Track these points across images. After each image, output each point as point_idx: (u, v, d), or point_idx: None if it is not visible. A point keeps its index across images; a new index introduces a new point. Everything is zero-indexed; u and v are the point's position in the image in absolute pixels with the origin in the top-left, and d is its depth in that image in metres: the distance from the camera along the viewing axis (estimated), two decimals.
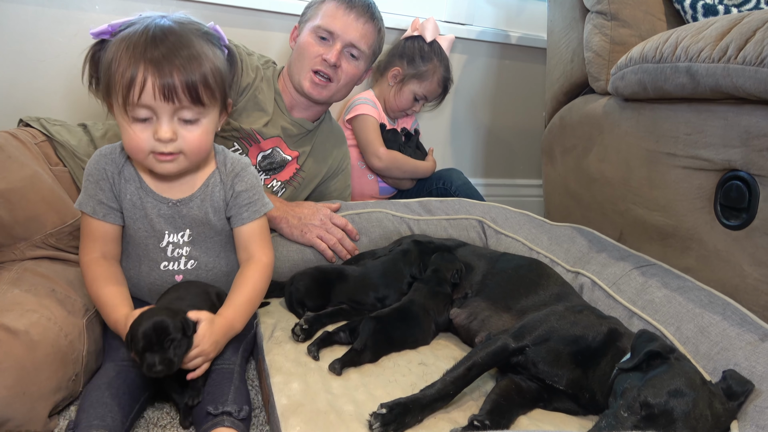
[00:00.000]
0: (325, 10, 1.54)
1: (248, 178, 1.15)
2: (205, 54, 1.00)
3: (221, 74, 1.04)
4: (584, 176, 1.71)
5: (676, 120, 1.34)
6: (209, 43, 1.03)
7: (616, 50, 1.62)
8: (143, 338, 0.90)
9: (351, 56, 1.57)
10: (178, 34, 0.98)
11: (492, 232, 1.57)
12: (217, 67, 1.02)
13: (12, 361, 0.87)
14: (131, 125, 0.99)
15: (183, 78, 0.96)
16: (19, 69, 1.70)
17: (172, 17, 1.02)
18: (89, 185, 1.06)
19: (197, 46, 0.99)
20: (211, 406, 0.93)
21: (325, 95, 1.57)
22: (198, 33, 1.02)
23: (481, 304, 1.23)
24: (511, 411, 0.96)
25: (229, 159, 1.15)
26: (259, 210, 1.15)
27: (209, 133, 1.05)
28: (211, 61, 1.01)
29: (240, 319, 1.07)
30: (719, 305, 1.11)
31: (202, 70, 0.98)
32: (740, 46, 1.10)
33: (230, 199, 1.13)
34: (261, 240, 1.16)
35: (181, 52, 0.96)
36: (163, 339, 0.91)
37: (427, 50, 2.06)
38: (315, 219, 1.46)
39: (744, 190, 1.20)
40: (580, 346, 1.01)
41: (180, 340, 0.93)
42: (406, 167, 2.01)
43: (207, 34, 1.04)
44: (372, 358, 1.09)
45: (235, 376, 1.02)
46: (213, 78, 1.01)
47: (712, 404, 0.83)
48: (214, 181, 1.12)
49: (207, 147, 1.06)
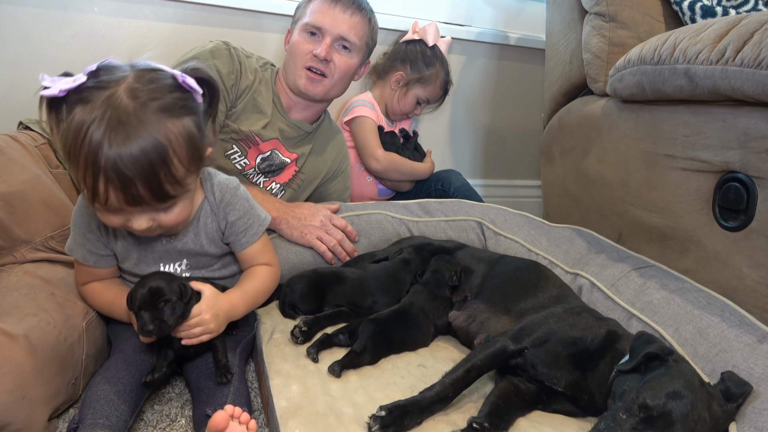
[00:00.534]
0: (312, 8, 1.54)
1: (239, 204, 1.10)
2: (170, 144, 0.88)
3: (193, 149, 0.92)
4: (583, 177, 1.71)
5: (674, 122, 1.34)
6: (174, 120, 0.89)
7: (615, 52, 1.62)
8: (139, 298, 0.93)
9: (343, 48, 1.56)
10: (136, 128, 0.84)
11: (491, 233, 1.58)
12: (186, 146, 0.90)
13: (11, 365, 0.87)
14: (103, 211, 0.92)
15: (147, 185, 0.87)
16: (18, 71, 1.70)
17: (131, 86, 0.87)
18: (76, 235, 1.05)
19: (159, 139, 0.86)
20: (210, 408, 0.93)
21: (321, 91, 1.56)
22: (161, 111, 0.87)
23: (480, 306, 1.24)
24: (510, 413, 0.97)
25: (217, 186, 1.09)
26: (257, 232, 1.14)
27: (189, 203, 0.99)
28: (177, 147, 0.89)
29: (243, 305, 1.08)
30: (718, 307, 1.11)
31: (167, 172, 0.88)
32: (738, 48, 1.11)
33: (225, 229, 1.11)
34: (265, 254, 1.17)
35: (142, 160, 0.85)
36: (158, 300, 0.93)
37: (429, 54, 2.07)
38: (315, 220, 1.46)
39: (742, 192, 1.20)
40: (579, 347, 1.01)
41: (175, 302, 0.95)
42: (404, 169, 2.01)
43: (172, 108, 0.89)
44: (371, 360, 1.09)
45: (235, 377, 1.02)
46: (182, 164, 0.90)
47: (710, 406, 0.84)
48: (205, 213, 1.09)
49: (189, 215, 1.01)
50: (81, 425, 0.87)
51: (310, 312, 1.25)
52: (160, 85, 0.90)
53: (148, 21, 1.81)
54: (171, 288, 0.95)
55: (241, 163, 1.54)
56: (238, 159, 1.54)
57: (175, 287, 0.95)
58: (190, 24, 1.86)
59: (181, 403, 1.08)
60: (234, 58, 1.49)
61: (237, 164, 1.54)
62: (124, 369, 0.97)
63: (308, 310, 1.26)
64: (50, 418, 0.95)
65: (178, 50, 1.71)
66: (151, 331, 0.92)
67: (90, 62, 0.95)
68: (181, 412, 1.06)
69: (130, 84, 0.87)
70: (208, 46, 1.47)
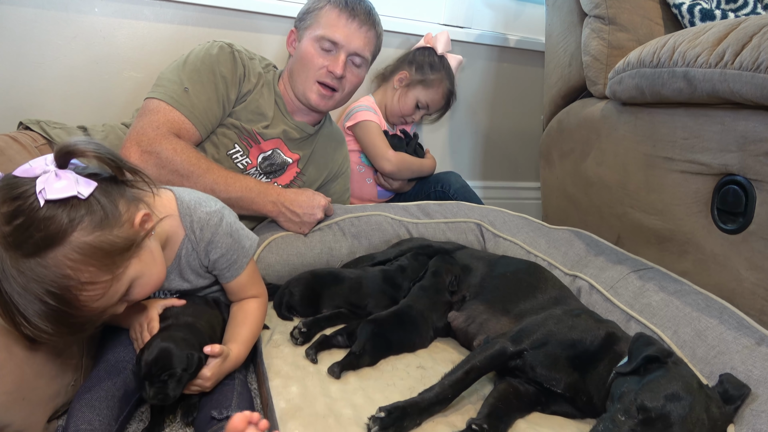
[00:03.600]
0: (327, 19, 1.51)
1: (222, 242, 1.04)
2: (68, 280, 0.78)
3: (98, 258, 0.80)
4: (582, 180, 1.72)
5: (673, 124, 1.34)
6: (58, 248, 0.77)
7: (614, 54, 1.63)
8: (145, 366, 0.91)
9: (353, 64, 1.55)
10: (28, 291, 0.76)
11: (490, 235, 1.58)
12: (88, 264, 0.79)
13: (12, 366, 0.87)
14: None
15: (70, 324, 0.81)
16: (18, 71, 1.70)
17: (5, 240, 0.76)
18: None
19: (50, 286, 0.77)
20: (216, 411, 0.93)
21: (331, 105, 1.57)
22: (39, 251, 0.76)
23: (479, 308, 1.24)
24: (509, 415, 0.97)
25: (197, 224, 1.02)
26: (241, 265, 1.10)
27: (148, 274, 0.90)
28: (78, 274, 0.78)
29: (246, 353, 1.07)
30: (716, 309, 1.11)
31: (83, 303, 0.80)
32: (737, 51, 1.11)
33: (209, 265, 1.08)
34: (252, 286, 1.14)
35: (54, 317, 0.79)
36: (163, 372, 0.91)
37: (437, 61, 2.09)
38: (312, 217, 1.45)
39: (741, 195, 1.20)
40: (578, 349, 1.01)
41: (180, 375, 0.92)
42: (414, 166, 2.03)
43: (50, 238, 0.76)
44: (371, 361, 1.09)
45: (236, 383, 1.03)
46: (96, 282, 0.80)
47: (708, 408, 0.84)
48: (186, 251, 1.05)
49: (161, 280, 0.94)
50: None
51: (308, 314, 1.25)
52: (28, 223, 0.75)
53: (149, 22, 1.81)
54: (179, 359, 0.91)
55: (243, 163, 1.54)
56: (240, 158, 1.54)
57: (183, 358, 0.91)
58: (190, 25, 1.86)
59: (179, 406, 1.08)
60: (238, 61, 1.49)
61: (239, 164, 1.54)
62: (105, 377, 0.96)
63: (306, 312, 1.26)
64: (50, 420, 0.95)
65: (178, 51, 1.71)
66: (153, 402, 0.92)
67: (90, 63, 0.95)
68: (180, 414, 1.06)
69: (1, 229, 0.76)
70: (213, 49, 1.47)
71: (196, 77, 1.42)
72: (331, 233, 1.49)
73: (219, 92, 1.45)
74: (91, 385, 0.95)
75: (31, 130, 1.30)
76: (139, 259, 0.88)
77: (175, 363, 0.91)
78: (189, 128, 1.40)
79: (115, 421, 0.92)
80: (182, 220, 1.02)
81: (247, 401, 0.99)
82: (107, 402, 0.92)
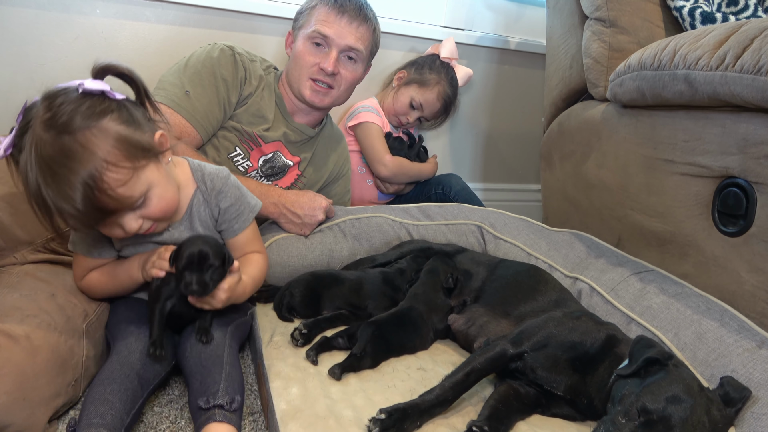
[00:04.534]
0: (318, 16, 1.52)
1: (231, 192, 1.14)
2: (96, 154, 0.88)
3: (125, 145, 0.92)
4: (582, 182, 1.72)
5: (674, 127, 1.35)
6: (92, 129, 0.89)
7: (615, 57, 1.63)
8: (187, 258, 0.99)
9: (348, 59, 1.55)
10: (60, 158, 0.86)
11: (491, 237, 1.58)
12: (116, 147, 0.90)
13: (12, 366, 0.87)
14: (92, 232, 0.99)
15: (98, 205, 0.89)
16: (19, 72, 1.70)
17: (43, 117, 0.88)
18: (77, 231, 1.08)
19: (83, 156, 0.87)
20: (202, 400, 0.94)
21: (328, 102, 1.57)
22: (75, 128, 0.88)
23: (480, 310, 1.24)
24: (510, 417, 0.97)
25: (208, 176, 1.13)
26: (248, 218, 1.18)
27: (164, 190, 1.00)
28: (106, 153, 0.89)
29: (251, 292, 1.14)
30: (717, 312, 1.12)
31: (106, 181, 0.89)
32: (738, 54, 1.11)
33: (218, 216, 1.15)
34: (255, 242, 1.22)
35: (77, 185, 0.87)
36: (204, 263, 0.99)
37: (437, 63, 2.09)
38: (313, 219, 1.45)
39: (741, 197, 1.20)
40: (578, 352, 1.01)
41: (217, 267, 1.00)
42: (411, 172, 2.02)
43: (86, 118, 0.89)
44: (372, 363, 1.09)
45: (225, 359, 1.02)
46: (120, 166, 0.90)
47: (709, 411, 0.84)
48: (197, 202, 1.12)
49: (174, 200, 1.04)
50: (78, 427, 0.87)
51: (308, 315, 1.25)
52: (67, 103, 0.89)
53: (150, 23, 1.82)
54: (217, 253, 1.00)
55: (244, 165, 1.55)
56: (241, 161, 1.54)
57: (220, 253, 1.01)
58: (191, 26, 1.86)
59: (181, 405, 1.09)
60: (239, 64, 1.49)
61: (240, 166, 1.54)
62: (119, 369, 0.97)
63: (307, 313, 1.26)
64: (50, 420, 0.95)
65: (178, 52, 1.71)
66: (194, 291, 0.99)
67: (91, 64, 0.96)
68: (181, 414, 1.06)
69: (41, 116, 0.88)
70: (215, 51, 1.47)
71: (197, 80, 1.42)
72: (331, 235, 1.49)
73: (220, 95, 1.45)
74: (105, 377, 0.95)
75: None
76: (157, 168, 0.98)
77: (213, 256, 1.00)
78: (190, 131, 1.40)
79: (128, 414, 0.93)
80: (194, 175, 1.12)
81: (235, 382, 0.99)
82: (120, 395, 0.93)
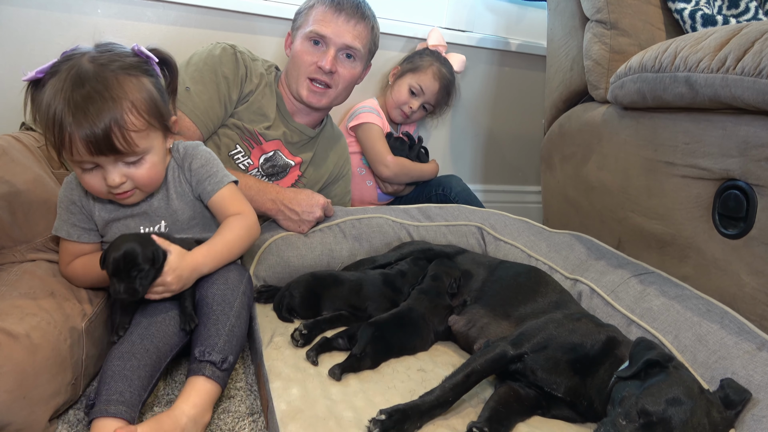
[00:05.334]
0: (315, 15, 1.53)
1: (202, 155, 1.18)
2: (126, 95, 0.98)
3: (151, 103, 1.02)
4: (583, 184, 1.72)
5: (674, 129, 1.35)
6: (132, 77, 1.01)
7: (616, 59, 1.63)
8: (113, 263, 0.97)
9: (347, 57, 1.56)
10: (94, 83, 0.96)
11: (491, 238, 1.58)
12: (144, 100, 1.01)
13: (12, 365, 0.87)
14: (82, 174, 1.03)
15: (109, 134, 0.96)
16: (20, 72, 1.69)
17: (92, 54, 1.00)
18: (61, 212, 1.13)
19: (116, 90, 0.97)
20: (199, 349, 0.97)
21: (325, 102, 1.57)
22: (118, 69, 1.00)
23: (480, 311, 1.24)
24: (510, 418, 0.97)
25: (182, 145, 1.18)
26: (221, 180, 1.17)
27: (158, 161, 1.07)
28: (135, 99, 0.99)
29: (211, 261, 1.10)
30: (717, 314, 1.11)
31: (125, 119, 0.97)
32: (739, 56, 1.11)
33: (191, 179, 1.16)
34: (235, 202, 1.19)
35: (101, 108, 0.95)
36: (131, 268, 0.97)
37: (426, 51, 2.11)
38: (311, 216, 1.45)
39: (742, 200, 1.20)
40: (579, 353, 1.01)
41: (147, 270, 0.98)
42: (413, 173, 2.03)
43: (130, 68, 1.02)
44: (372, 364, 1.09)
45: (234, 307, 1.05)
46: (141, 116, 1.00)
47: (709, 413, 0.84)
48: (172, 169, 1.16)
49: (160, 174, 1.10)
50: (97, 401, 0.89)
51: (308, 316, 1.25)
52: (117, 52, 1.03)
53: (151, 23, 1.82)
54: (144, 255, 0.97)
55: (245, 163, 1.55)
56: (242, 159, 1.54)
57: (148, 253, 0.98)
58: (192, 27, 1.87)
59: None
60: (240, 62, 1.49)
61: (240, 164, 1.54)
62: (140, 343, 0.99)
63: (307, 314, 1.26)
64: (50, 419, 0.95)
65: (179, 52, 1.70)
66: (122, 298, 0.98)
67: None
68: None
69: (92, 54, 1.00)
70: (216, 50, 1.47)
71: (198, 77, 1.43)
72: (331, 235, 1.49)
73: (221, 92, 1.45)
74: (124, 351, 0.96)
75: (33, 131, 1.30)
76: (160, 142, 1.07)
77: (140, 259, 0.97)
78: (190, 127, 1.41)
79: (145, 390, 0.94)
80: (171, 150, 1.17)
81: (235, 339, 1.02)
82: (139, 372, 0.94)
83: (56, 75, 0.97)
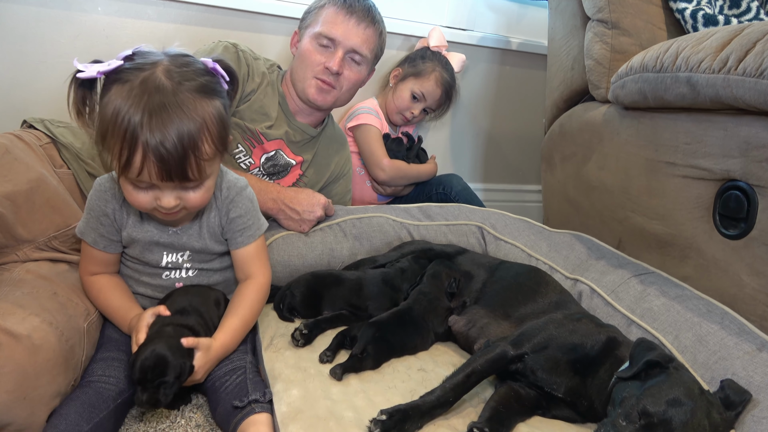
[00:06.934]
0: (325, 17, 1.53)
1: (243, 204, 1.13)
2: (204, 122, 0.93)
3: (222, 130, 0.98)
4: (583, 184, 1.72)
5: (675, 129, 1.35)
6: (207, 100, 0.95)
7: (617, 59, 1.63)
8: (139, 371, 0.92)
9: (353, 61, 1.56)
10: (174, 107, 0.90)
11: (491, 238, 1.58)
12: (217, 126, 0.96)
13: (13, 365, 0.87)
14: (132, 189, 0.97)
15: (184, 162, 0.91)
16: (21, 70, 1.70)
17: (166, 65, 0.93)
18: (91, 219, 1.09)
19: (194, 115, 0.92)
20: (237, 400, 0.95)
21: (329, 101, 1.57)
22: (195, 90, 0.94)
23: (480, 312, 1.24)
24: (510, 418, 0.97)
25: (226, 183, 1.13)
26: (254, 234, 1.15)
27: (213, 185, 1.04)
28: (210, 125, 0.95)
29: (234, 342, 1.09)
30: (717, 314, 1.12)
31: (201, 149, 0.93)
32: (740, 57, 1.11)
33: (225, 224, 1.13)
34: (258, 261, 1.17)
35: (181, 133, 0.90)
36: (157, 378, 0.92)
37: (429, 54, 2.09)
38: (312, 215, 1.45)
39: (743, 200, 1.20)
40: (579, 354, 1.01)
41: (172, 383, 0.94)
42: (410, 175, 2.02)
43: (206, 89, 0.96)
44: (373, 364, 1.09)
45: (248, 369, 1.04)
46: (213, 143, 0.96)
47: (710, 414, 0.84)
48: (209, 206, 1.12)
49: (209, 198, 1.05)
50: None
51: (308, 316, 1.25)
52: (193, 68, 0.96)
53: (151, 21, 1.81)
54: (173, 367, 0.93)
55: (246, 163, 1.55)
56: (243, 158, 1.54)
57: (177, 367, 0.94)
58: (193, 25, 1.86)
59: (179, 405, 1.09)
60: (242, 60, 1.49)
61: (242, 163, 1.54)
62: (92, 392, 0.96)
63: (307, 313, 1.26)
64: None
65: None
66: (145, 408, 0.96)
67: None
68: (180, 413, 1.06)
69: (166, 66, 0.93)
70: (218, 48, 1.47)
71: None
72: (332, 234, 1.49)
73: None
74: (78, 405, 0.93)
75: (35, 129, 1.30)
76: (219, 165, 1.04)
77: (169, 371, 0.93)
78: None
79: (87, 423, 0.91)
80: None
81: (260, 385, 1.01)
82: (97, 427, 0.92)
83: (126, 83, 0.90)
